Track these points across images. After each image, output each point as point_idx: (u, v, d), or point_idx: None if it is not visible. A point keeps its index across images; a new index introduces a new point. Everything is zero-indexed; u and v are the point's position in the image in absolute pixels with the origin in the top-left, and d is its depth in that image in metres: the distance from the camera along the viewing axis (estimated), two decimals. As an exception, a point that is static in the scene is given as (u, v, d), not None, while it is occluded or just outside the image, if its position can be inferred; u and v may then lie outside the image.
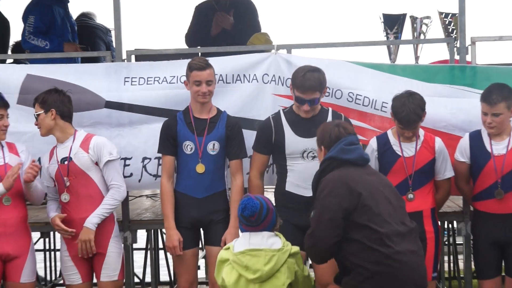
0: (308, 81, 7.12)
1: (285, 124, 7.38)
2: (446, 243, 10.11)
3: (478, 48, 8.27)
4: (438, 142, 7.51)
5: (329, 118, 7.33)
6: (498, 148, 7.43)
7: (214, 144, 7.58)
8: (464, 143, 7.59)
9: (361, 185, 5.96)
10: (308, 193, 7.17)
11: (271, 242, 6.19)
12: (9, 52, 12.31)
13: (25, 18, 10.14)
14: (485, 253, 7.58)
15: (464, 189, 7.72)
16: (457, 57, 8.31)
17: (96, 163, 7.49)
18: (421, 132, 7.51)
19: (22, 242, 7.48)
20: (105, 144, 7.55)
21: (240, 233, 6.45)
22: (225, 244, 7.40)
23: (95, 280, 7.79)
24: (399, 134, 7.43)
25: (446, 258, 10.34)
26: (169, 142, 7.62)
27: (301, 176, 7.42)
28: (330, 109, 7.50)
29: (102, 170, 7.51)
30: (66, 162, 7.45)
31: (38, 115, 7.45)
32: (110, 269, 7.60)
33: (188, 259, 7.73)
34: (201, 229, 7.81)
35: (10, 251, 7.36)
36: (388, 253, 5.84)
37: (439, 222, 7.77)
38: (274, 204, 7.13)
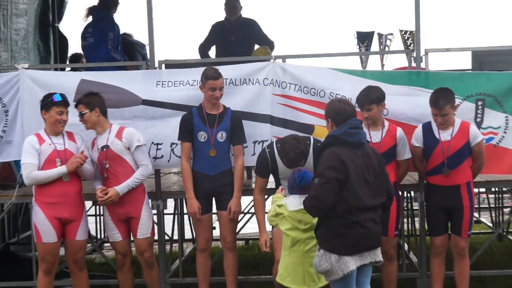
0: (295, 160, 6.92)
1: (278, 159, 7.23)
2: (406, 208, 10.13)
3: (430, 58, 8.29)
4: (399, 131, 7.55)
5: (311, 149, 7.14)
6: (444, 135, 7.46)
7: (222, 134, 7.65)
8: (418, 131, 7.63)
9: (352, 165, 6.02)
10: None
11: None
12: (67, 62, 12.38)
13: (104, 34, 9.93)
14: (435, 216, 7.66)
15: (419, 167, 7.77)
16: (414, 64, 8.32)
17: (128, 148, 7.58)
18: (386, 123, 7.56)
19: (78, 209, 7.56)
20: (135, 133, 7.65)
21: (290, 195, 6.75)
22: (230, 210, 7.63)
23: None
24: (368, 124, 7.49)
25: (405, 220, 10.37)
26: (187, 132, 7.67)
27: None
28: (312, 140, 7.23)
29: (133, 153, 7.59)
30: (104, 149, 7.54)
31: (84, 113, 7.53)
32: (143, 229, 7.69)
33: (205, 222, 7.83)
34: (213, 198, 7.86)
35: (68, 216, 7.45)
36: (355, 220, 5.99)
37: (400, 192, 7.84)
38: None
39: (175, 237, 9.97)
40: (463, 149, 7.45)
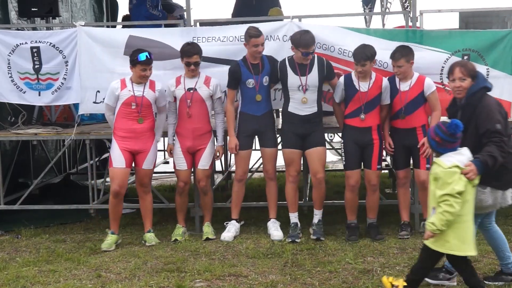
0: (306, 39, 7.27)
1: (288, 69, 7.52)
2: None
3: (425, 18, 8.25)
4: (384, 81, 7.58)
5: (316, 61, 7.53)
6: (403, 86, 7.52)
7: (266, 78, 7.75)
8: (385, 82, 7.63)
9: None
10: (302, 113, 7.52)
11: None
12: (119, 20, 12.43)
13: None
14: (397, 153, 7.71)
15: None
16: (410, 23, 8.29)
17: (211, 96, 7.73)
18: (373, 74, 7.56)
19: (146, 143, 7.70)
20: (220, 85, 7.83)
21: (441, 156, 5.42)
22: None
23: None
24: (359, 76, 7.50)
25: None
26: (235, 81, 7.73)
27: (297, 102, 7.56)
28: (316, 55, 7.61)
29: (214, 101, 7.79)
30: (191, 91, 7.66)
31: (199, 63, 7.70)
32: (205, 161, 7.87)
33: (245, 156, 7.95)
34: (256, 136, 8.05)
35: (137, 148, 7.63)
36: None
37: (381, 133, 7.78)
38: (282, 120, 7.68)
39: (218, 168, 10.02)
40: (417, 98, 7.49)
